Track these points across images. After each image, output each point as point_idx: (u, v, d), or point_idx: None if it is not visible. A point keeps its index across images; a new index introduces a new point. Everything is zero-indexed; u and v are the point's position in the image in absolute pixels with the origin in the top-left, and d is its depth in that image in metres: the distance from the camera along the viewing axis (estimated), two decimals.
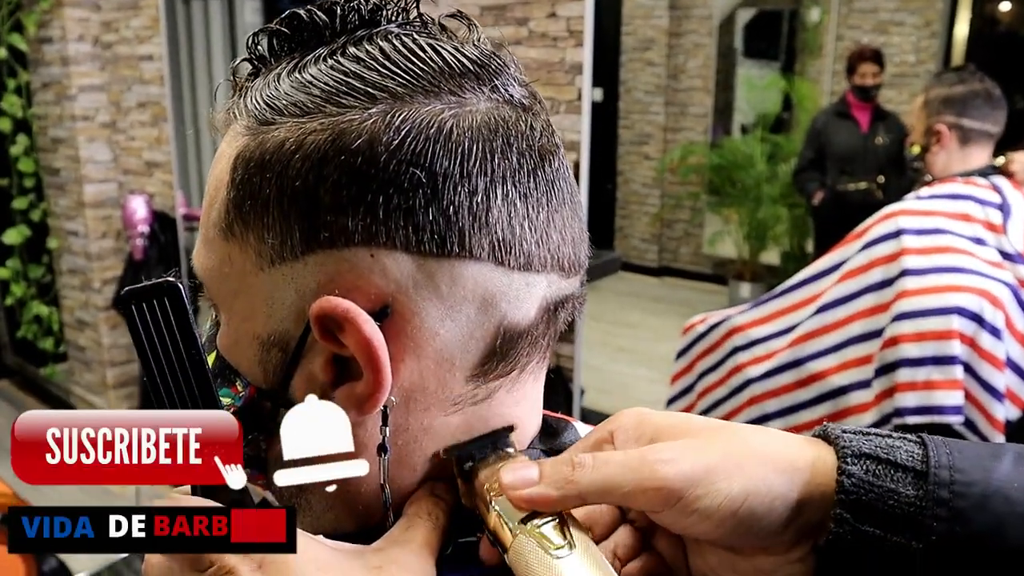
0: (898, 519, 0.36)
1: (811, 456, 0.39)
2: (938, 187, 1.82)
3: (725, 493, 0.37)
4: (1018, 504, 0.35)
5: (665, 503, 0.38)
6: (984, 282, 1.63)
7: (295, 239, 0.41)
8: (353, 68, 0.43)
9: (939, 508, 0.36)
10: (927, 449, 0.38)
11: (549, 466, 0.41)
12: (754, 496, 0.37)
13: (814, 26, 5.23)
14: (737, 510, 0.37)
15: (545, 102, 0.47)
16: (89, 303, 3.40)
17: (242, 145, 0.43)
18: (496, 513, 0.41)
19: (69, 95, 3.20)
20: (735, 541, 0.39)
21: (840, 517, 0.37)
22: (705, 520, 0.38)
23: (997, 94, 1.80)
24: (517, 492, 0.40)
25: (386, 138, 0.40)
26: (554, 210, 0.44)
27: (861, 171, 3.58)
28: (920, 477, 0.37)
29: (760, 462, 0.38)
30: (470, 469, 0.45)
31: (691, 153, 5.42)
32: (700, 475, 0.37)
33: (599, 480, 0.39)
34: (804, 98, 4.96)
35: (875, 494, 0.36)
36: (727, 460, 0.38)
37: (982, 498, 0.35)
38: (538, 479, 0.40)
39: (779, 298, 1.98)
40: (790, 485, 0.38)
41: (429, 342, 0.42)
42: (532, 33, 1.91)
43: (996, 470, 0.36)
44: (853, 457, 0.38)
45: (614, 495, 0.39)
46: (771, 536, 0.38)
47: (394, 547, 0.41)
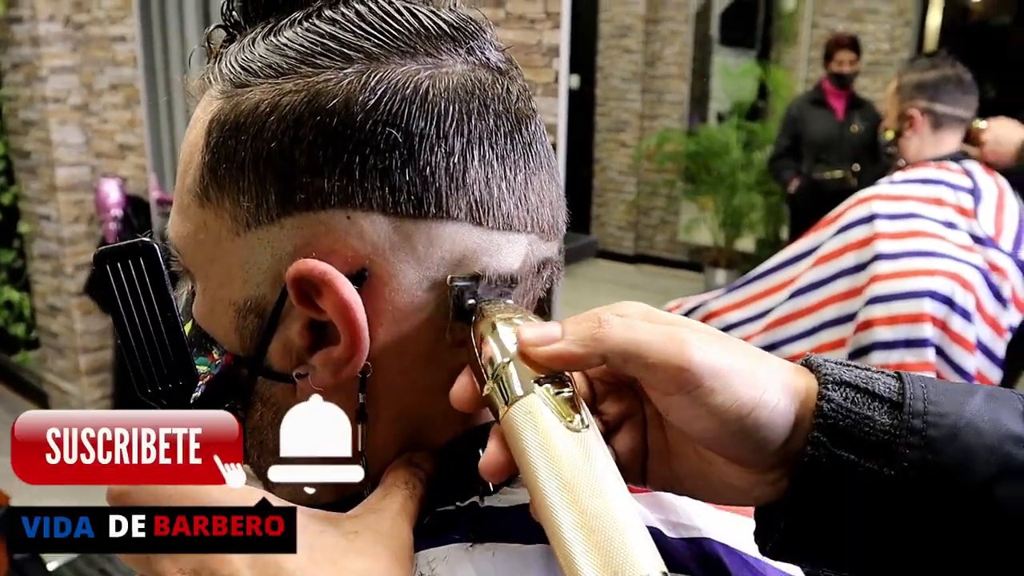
0: (872, 446, 0.37)
1: (804, 383, 0.39)
2: (911, 172, 1.84)
3: (739, 396, 0.37)
4: (987, 436, 0.36)
5: (683, 386, 0.37)
6: (955, 266, 1.65)
7: (271, 202, 0.41)
8: (328, 30, 0.42)
9: (912, 436, 0.36)
10: (903, 382, 0.38)
11: (572, 323, 0.38)
12: (762, 407, 0.37)
13: (789, 14, 5.26)
14: (745, 416, 0.37)
15: (522, 69, 0.47)
16: (61, 288, 3.36)
17: (217, 109, 0.43)
18: (505, 364, 0.38)
19: (40, 76, 3.15)
20: (726, 446, 0.38)
21: (817, 440, 0.37)
22: (710, 417, 0.37)
23: (968, 80, 1.82)
24: (539, 349, 0.38)
25: (362, 98, 0.40)
26: (532, 172, 0.44)
27: (836, 159, 3.61)
28: (895, 407, 0.37)
29: (772, 376, 0.38)
30: (471, 308, 0.42)
31: (667, 140, 5.44)
32: (723, 370, 0.37)
33: (626, 341, 0.37)
34: (779, 86, 4.99)
35: (852, 420, 0.37)
36: (746, 365, 0.38)
37: (953, 429, 0.36)
38: (560, 336, 0.38)
39: (754, 283, 1.99)
40: (790, 405, 0.38)
41: (407, 304, 0.42)
42: (509, 15, 1.90)
43: (968, 404, 0.37)
44: (833, 384, 0.38)
45: (636, 362, 0.37)
46: (761, 452, 0.38)
47: (371, 514, 0.41)
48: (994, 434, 0.36)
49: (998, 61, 4.37)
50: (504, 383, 0.38)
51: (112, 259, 0.39)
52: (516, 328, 0.39)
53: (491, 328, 0.40)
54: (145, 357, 0.40)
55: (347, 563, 0.38)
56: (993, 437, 0.36)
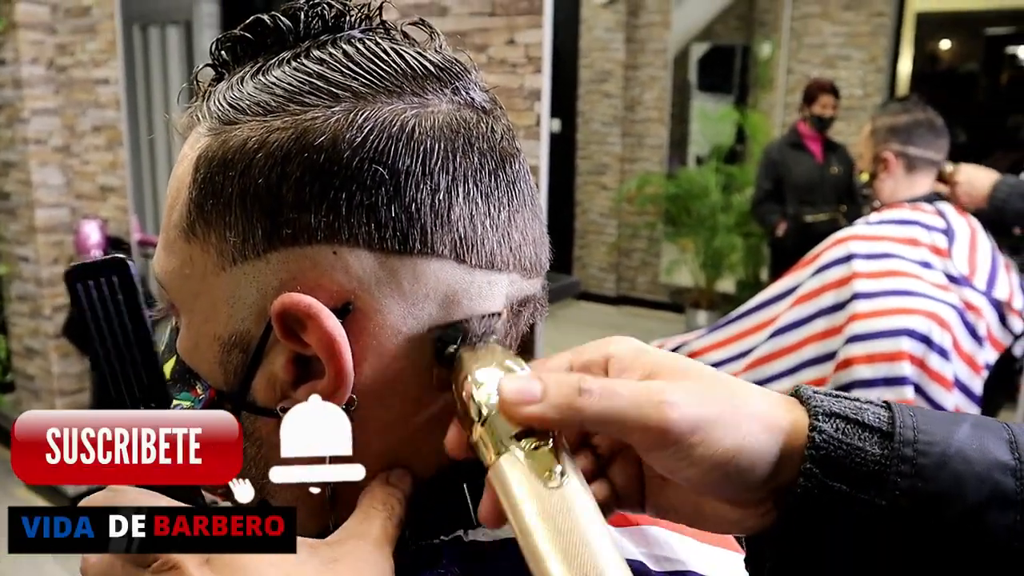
0: (864, 476, 0.37)
1: (790, 418, 0.39)
2: (886, 213, 1.87)
3: (720, 444, 0.37)
4: (976, 463, 0.36)
5: (661, 445, 0.37)
6: (932, 304, 1.67)
7: (257, 237, 0.41)
8: (317, 69, 0.43)
9: (903, 465, 0.37)
10: (893, 412, 0.39)
11: (554, 385, 0.38)
12: (745, 451, 0.38)
13: (765, 61, 5.38)
14: (728, 463, 0.37)
15: (506, 110, 0.48)
16: (39, 331, 3.32)
17: (204, 145, 0.44)
18: (484, 421, 0.39)
19: (22, 118, 3.14)
20: (714, 490, 0.39)
21: (810, 472, 0.37)
22: (694, 467, 0.38)
23: (940, 123, 1.87)
24: (517, 409, 0.38)
25: (349, 135, 0.41)
26: (515, 210, 0.45)
27: (820, 200, 3.64)
28: (886, 437, 0.38)
29: (755, 418, 0.39)
30: (451, 355, 0.42)
31: (648, 183, 5.51)
32: (701, 423, 0.37)
33: (604, 411, 0.37)
34: (757, 130, 5.08)
35: (843, 451, 0.37)
36: (727, 411, 0.38)
37: (943, 457, 0.37)
38: (540, 396, 0.38)
39: (735, 323, 2.01)
40: (774, 445, 0.38)
41: (391, 339, 0.42)
42: (491, 59, 1.93)
43: (957, 432, 0.38)
44: (824, 415, 0.38)
45: (613, 427, 0.38)
46: (748, 490, 0.39)
47: (351, 540, 0.41)
48: (983, 462, 0.37)
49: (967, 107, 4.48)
50: (486, 437, 0.38)
51: (84, 276, 0.38)
52: (497, 380, 0.39)
53: (471, 379, 0.40)
54: (116, 376, 0.39)
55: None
56: (982, 465, 0.36)
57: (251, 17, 0.46)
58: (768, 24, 5.41)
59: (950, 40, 4.63)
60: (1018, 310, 1.75)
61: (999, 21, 4.50)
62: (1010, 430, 0.39)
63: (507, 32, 1.91)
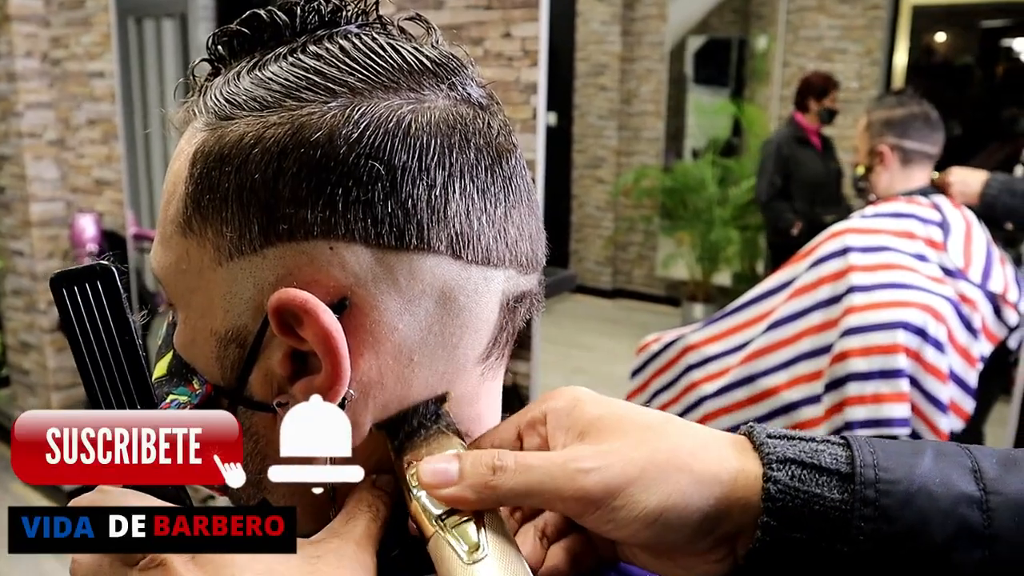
0: (825, 524, 0.36)
1: (735, 467, 0.39)
2: (882, 206, 1.88)
3: (643, 505, 0.38)
4: (941, 500, 0.36)
5: (583, 511, 0.39)
6: (927, 297, 1.68)
7: (254, 232, 0.41)
8: (313, 64, 0.43)
9: (865, 508, 0.36)
10: (852, 451, 0.38)
11: (470, 465, 0.40)
12: (670, 509, 0.38)
13: (762, 53, 5.37)
14: (653, 521, 0.38)
15: (503, 104, 0.48)
16: (34, 325, 3.31)
17: (201, 140, 0.44)
18: (416, 502, 0.41)
19: (16, 112, 3.13)
20: (652, 546, 0.40)
21: (767, 525, 0.37)
22: (622, 528, 0.38)
23: (935, 117, 1.87)
24: (435, 492, 0.40)
25: (345, 131, 0.41)
26: (511, 206, 0.45)
27: (827, 197, 3.56)
28: (845, 479, 0.37)
29: (682, 472, 0.38)
30: (399, 445, 0.44)
31: (644, 177, 5.50)
32: (619, 486, 0.38)
33: (519, 486, 0.39)
34: (753, 123, 5.08)
35: (801, 500, 0.37)
36: (648, 470, 0.38)
37: (906, 495, 0.36)
38: (457, 478, 0.40)
39: (732, 316, 2.01)
40: (708, 498, 0.38)
41: (388, 336, 0.42)
42: (487, 53, 1.93)
43: (919, 466, 0.37)
44: (778, 463, 0.38)
45: (533, 500, 0.40)
46: (687, 543, 0.39)
47: (334, 539, 0.41)
48: (947, 496, 0.36)
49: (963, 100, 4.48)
50: (419, 515, 0.41)
51: (68, 283, 0.38)
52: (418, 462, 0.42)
53: (405, 466, 0.43)
54: (103, 383, 0.39)
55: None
56: (946, 500, 0.36)
57: (247, 12, 0.46)
58: (764, 17, 5.41)
59: (946, 33, 4.63)
60: (1012, 302, 1.76)
61: (995, 14, 4.50)
62: (972, 456, 0.38)
63: (503, 25, 1.91)
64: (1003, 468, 0.37)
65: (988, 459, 0.37)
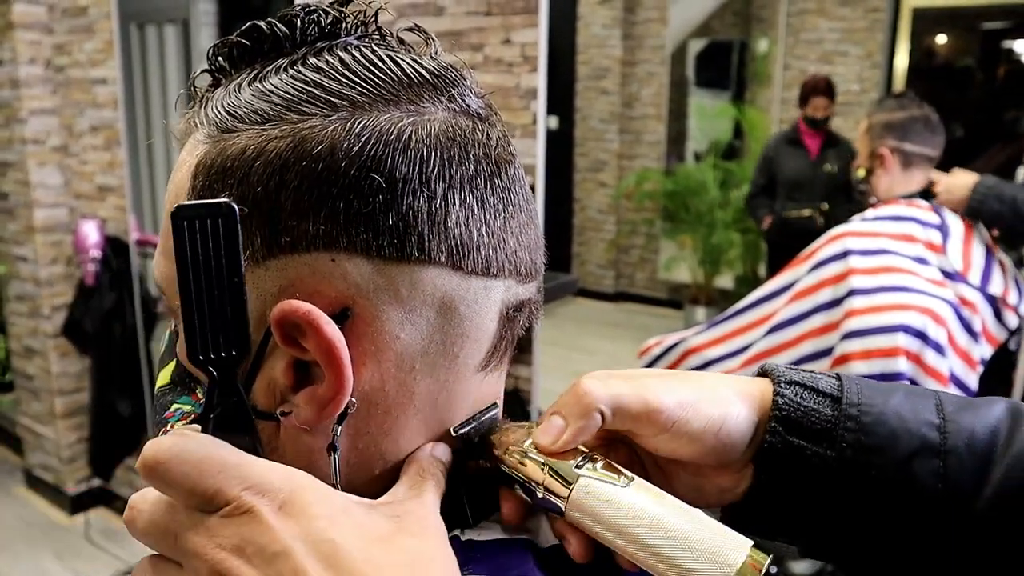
0: (817, 432, 0.45)
1: (758, 387, 0.47)
2: (882, 209, 1.88)
3: (708, 417, 0.45)
4: (909, 421, 0.45)
5: (663, 427, 0.45)
6: (927, 300, 1.68)
7: (256, 244, 0.42)
8: (314, 77, 0.43)
9: (849, 422, 0.45)
10: (841, 381, 0.47)
11: (563, 406, 0.45)
12: (729, 419, 0.45)
13: (762, 56, 5.38)
14: (718, 431, 0.45)
15: (501, 115, 0.49)
16: (38, 330, 3.32)
17: (203, 152, 0.44)
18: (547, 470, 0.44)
19: (19, 118, 3.14)
20: (711, 459, 0.46)
21: (774, 429, 0.45)
22: (692, 443, 0.45)
23: (935, 119, 1.88)
24: (559, 443, 0.44)
25: (346, 144, 0.41)
26: (510, 216, 0.46)
27: (808, 197, 3.66)
28: (835, 401, 0.46)
29: (727, 391, 0.46)
30: (480, 442, 0.47)
31: (645, 180, 5.51)
32: (689, 402, 0.45)
33: (609, 397, 0.44)
34: (754, 126, 5.08)
35: (801, 411, 0.45)
36: (704, 391, 0.46)
37: (881, 415, 0.45)
38: (565, 424, 0.45)
39: (733, 319, 2.01)
40: (751, 409, 0.46)
41: (389, 346, 0.43)
42: (487, 59, 1.94)
43: (893, 398, 0.46)
44: (785, 383, 0.47)
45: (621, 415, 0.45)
46: (736, 453, 0.46)
47: (406, 502, 0.41)
48: (914, 420, 0.45)
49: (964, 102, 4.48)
50: (551, 490, 0.44)
51: (190, 215, 0.38)
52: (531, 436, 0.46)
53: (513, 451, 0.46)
54: (204, 320, 0.39)
55: (400, 542, 0.38)
56: (913, 422, 0.45)
57: (248, 23, 0.47)
58: (765, 20, 5.42)
59: (946, 35, 4.63)
60: (1012, 305, 1.76)
61: (995, 16, 4.50)
62: (938, 397, 0.47)
63: (503, 31, 1.92)
64: (960, 405, 0.46)
65: (949, 400, 0.46)
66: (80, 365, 3.34)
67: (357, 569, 0.35)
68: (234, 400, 0.41)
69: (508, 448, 0.46)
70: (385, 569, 0.35)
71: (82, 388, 3.36)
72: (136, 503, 0.38)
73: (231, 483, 0.36)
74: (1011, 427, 0.45)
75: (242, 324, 0.40)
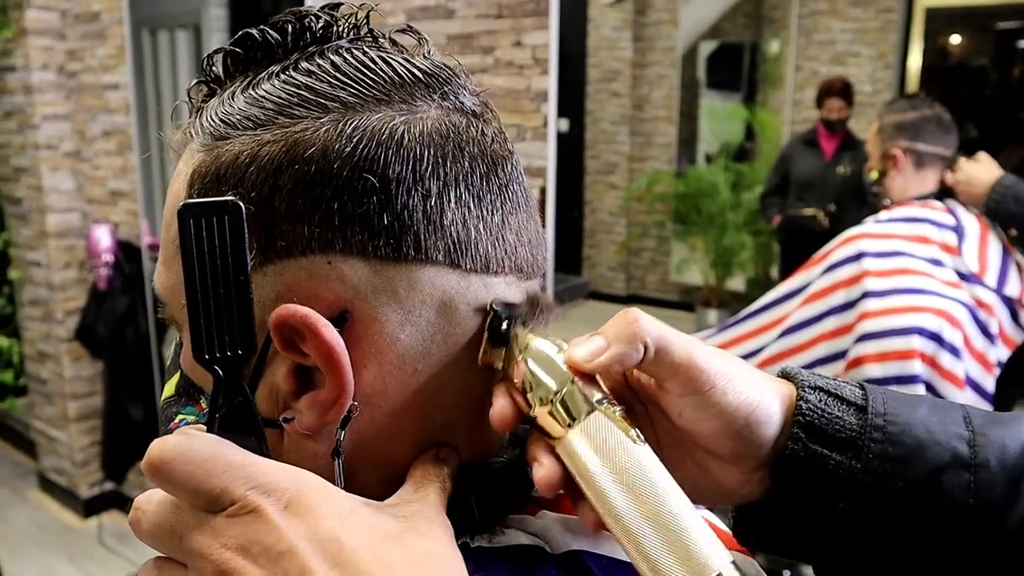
0: (841, 442, 0.43)
1: (786, 389, 0.44)
2: (896, 210, 1.86)
3: (744, 395, 0.42)
4: (937, 433, 0.42)
5: (699, 387, 0.42)
6: (942, 302, 1.66)
7: (253, 250, 0.41)
8: (305, 81, 0.43)
9: (875, 432, 0.42)
10: (866, 391, 0.45)
11: (610, 328, 0.42)
12: (760, 406, 0.43)
13: (774, 58, 5.36)
14: (748, 414, 0.42)
15: (497, 111, 0.48)
16: (51, 334, 3.34)
17: (198, 161, 0.44)
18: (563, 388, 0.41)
19: (32, 124, 3.17)
20: (728, 444, 0.43)
21: (796, 436, 0.43)
22: (718, 417, 0.42)
23: (947, 119, 1.86)
24: (595, 362, 0.41)
25: (338, 146, 0.41)
26: (509, 213, 0.45)
27: (818, 198, 3.67)
28: (860, 411, 0.43)
29: (764, 381, 0.44)
30: (506, 331, 0.44)
31: (657, 182, 5.49)
32: (729, 372, 0.42)
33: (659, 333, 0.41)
34: (766, 127, 5.06)
35: (825, 419, 0.43)
36: (745, 372, 0.43)
37: (909, 426, 0.43)
38: (606, 344, 0.42)
39: (745, 321, 2.00)
40: (780, 404, 0.44)
41: (390, 347, 0.42)
42: (498, 62, 1.93)
43: (919, 408, 0.44)
44: (810, 388, 0.44)
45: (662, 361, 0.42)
46: (756, 447, 0.43)
47: (413, 503, 0.41)
48: (942, 432, 0.43)
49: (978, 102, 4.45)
50: (565, 406, 0.41)
51: (196, 213, 0.38)
52: (563, 351, 0.43)
53: (539, 353, 0.43)
54: (210, 319, 0.39)
55: (408, 540, 0.37)
56: (942, 435, 0.42)
57: (240, 32, 0.47)
58: (777, 21, 5.40)
59: (960, 35, 4.60)
60: None
61: (1009, 15, 4.47)
62: (965, 410, 0.45)
63: (513, 34, 1.91)
64: (988, 420, 0.44)
65: (976, 413, 0.44)
66: (93, 369, 3.36)
67: (364, 568, 0.34)
68: (239, 400, 0.40)
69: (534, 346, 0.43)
70: (394, 567, 0.35)
71: (95, 392, 3.38)
72: (141, 504, 0.38)
73: (236, 482, 0.36)
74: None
75: (248, 323, 0.39)
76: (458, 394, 0.45)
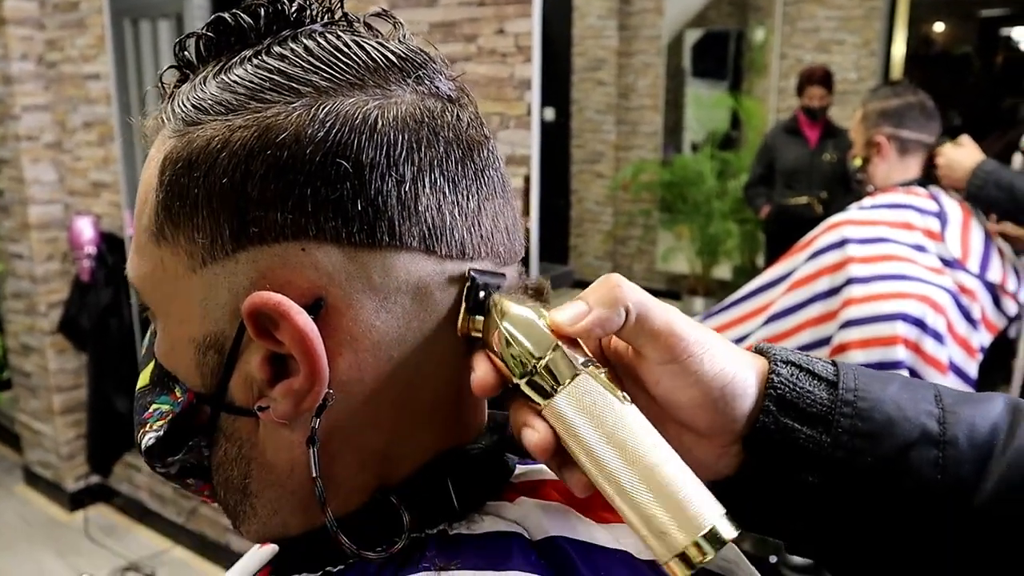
0: (812, 416, 0.43)
1: (760, 363, 0.45)
2: (880, 197, 1.87)
3: (720, 366, 0.42)
4: (907, 410, 0.43)
5: (677, 355, 0.42)
6: (926, 288, 1.67)
7: (225, 237, 0.41)
8: (277, 65, 0.43)
9: (845, 407, 0.42)
10: (837, 366, 0.45)
11: (591, 292, 0.43)
12: (736, 378, 0.43)
13: (759, 46, 5.35)
14: (724, 385, 0.42)
15: (475, 97, 0.48)
16: (35, 327, 3.31)
17: (170, 147, 0.43)
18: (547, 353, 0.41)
19: (13, 115, 3.13)
20: (704, 416, 0.43)
21: (767, 409, 0.43)
22: (697, 385, 0.42)
23: (931, 106, 1.86)
24: (577, 325, 0.42)
25: (311, 131, 0.40)
26: (485, 198, 0.45)
27: (806, 186, 3.67)
28: (832, 386, 0.43)
29: (741, 354, 0.44)
30: (484, 299, 0.44)
31: (643, 171, 5.49)
32: (707, 342, 0.42)
33: (639, 299, 0.42)
34: (751, 116, 5.06)
35: (796, 393, 0.43)
36: (722, 343, 0.43)
37: (879, 402, 0.43)
38: (588, 308, 0.42)
39: (730, 309, 2.00)
40: (754, 378, 0.43)
41: (365, 334, 0.42)
42: (481, 50, 1.92)
43: (890, 385, 0.44)
44: (781, 362, 0.44)
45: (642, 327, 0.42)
46: (732, 420, 0.43)
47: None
48: (912, 408, 0.43)
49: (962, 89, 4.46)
50: (550, 370, 0.41)
51: None
52: (544, 317, 0.43)
53: (519, 318, 0.43)
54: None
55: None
56: (912, 411, 0.43)
57: (213, 16, 0.46)
58: (761, 9, 5.39)
59: (944, 23, 4.61)
60: (1011, 292, 1.75)
61: (993, 3, 4.48)
62: (936, 388, 0.45)
63: (496, 22, 1.90)
64: (959, 398, 0.44)
65: (948, 392, 0.45)
66: (77, 362, 3.34)
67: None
68: None
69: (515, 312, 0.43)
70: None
71: (80, 385, 3.36)
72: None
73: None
74: (1012, 422, 0.42)
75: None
76: (435, 380, 0.45)
